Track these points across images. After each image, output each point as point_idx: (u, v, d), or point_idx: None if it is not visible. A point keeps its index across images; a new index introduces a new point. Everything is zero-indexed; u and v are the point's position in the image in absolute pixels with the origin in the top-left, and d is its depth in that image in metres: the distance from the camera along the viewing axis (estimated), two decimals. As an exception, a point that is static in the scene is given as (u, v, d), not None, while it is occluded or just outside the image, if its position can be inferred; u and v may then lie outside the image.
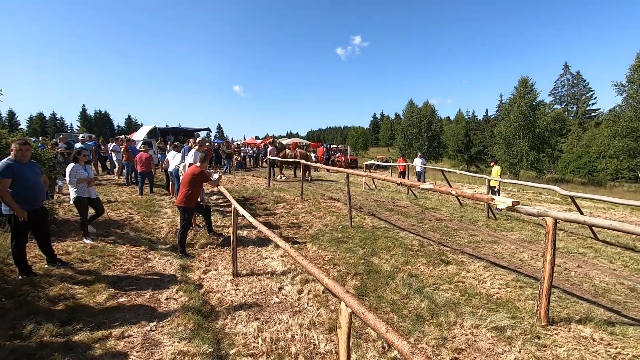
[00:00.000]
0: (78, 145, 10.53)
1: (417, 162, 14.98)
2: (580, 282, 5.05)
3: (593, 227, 7.60)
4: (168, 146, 16.63)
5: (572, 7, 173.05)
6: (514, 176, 31.84)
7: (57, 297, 3.79)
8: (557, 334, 3.39)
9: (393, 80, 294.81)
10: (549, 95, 64.75)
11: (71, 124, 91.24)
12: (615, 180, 34.22)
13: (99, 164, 15.34)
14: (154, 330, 3.31)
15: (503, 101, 65.27)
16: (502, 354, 3.02)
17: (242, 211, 4.20)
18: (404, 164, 15.78)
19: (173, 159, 9.30)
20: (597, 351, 3.11)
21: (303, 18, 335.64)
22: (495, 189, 10.55)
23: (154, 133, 21.50)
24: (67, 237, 5.85)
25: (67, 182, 5.56)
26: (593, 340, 3.31)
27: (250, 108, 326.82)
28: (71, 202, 5.70)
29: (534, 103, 31.86)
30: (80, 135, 12.33)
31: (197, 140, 6.94)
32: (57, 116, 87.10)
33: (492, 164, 11.17)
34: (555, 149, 34.40)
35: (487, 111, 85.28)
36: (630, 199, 16.09)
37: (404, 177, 15.73)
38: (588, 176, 37.09)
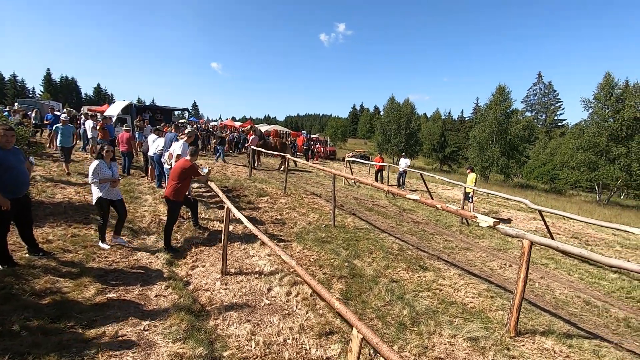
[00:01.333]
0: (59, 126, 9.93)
1: (403, 163, 15.32)
2: (543, 294, 5.52)
3: (555, 241, 8.23)
4: (145, 124, 16.03)
5: (554, 16, 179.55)
6: (484, 179, 33.28)
7: (44, 291, 3.72)
8: (523, 345, 3.74)
9: (374, 72, 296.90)
10: (522, 102, 67.66)
11: (33, 88, 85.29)
12: (574, 189, 36.58)
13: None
14: (147, 330, 3.35)
15: (479, 105, 67.44)
16: (477, 364, 3.32)
17: (238, 214, 4.25)
18: (382, 163, 16.08)
19: (153, 143, 9.07)
20: (557, 363, 3.47)
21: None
22: (469, 195, 11.07)
23: (129, 109, 20.61)
24: (45, 223, 5.65)
25: (90, 180, 5.03)
26: (554, 352, 3.68)
27: (228, 87, 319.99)
28: (93, 202, 5.19)
29: (508, 111, 33.21)
30: (82, 116, 11.71)
31: (185, 132, 6.80)
32: (17, 78, 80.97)
33: (468, 171, 11.67)
34: (523, 155, 36.14)
35: (462, 112, 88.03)
36: (586, 209, 17.25)
37: (381, 175, 16.06)
38: (550, 183, 39.43)
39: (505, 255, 7.39)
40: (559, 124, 63.92)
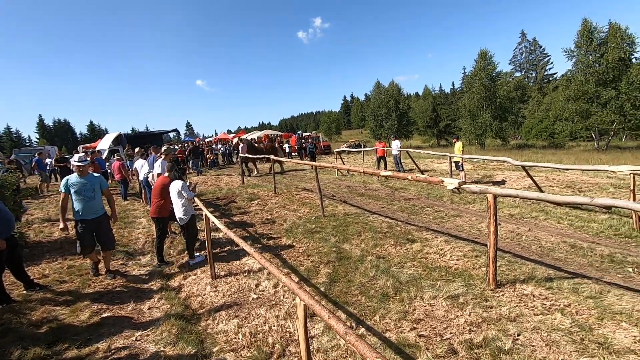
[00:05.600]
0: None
1: (394, 145, 15.02)
2: (529, 245, 5.61)
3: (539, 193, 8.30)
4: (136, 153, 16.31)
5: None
6: (480, 146, 33.19)
7: (40, 321, 3.92)
8: (503, 295, 3.85)
9: (360, 60, 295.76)
10: (509, 63, 67.14)
11: (29, 137, 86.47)
12: (573, 140, 36.34)
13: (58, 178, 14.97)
14: (139, 340, 3.53)
15: (467, 74, 67.06)
16: (455, 318, 3.45)
17: (212, 218, 4.41)
18: (384, 147, 15.48)
19: (142, 167, 9.30)
20: (534, 305, 3.58)
21: (256, 3, 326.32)
22: (459, 164, 11.15)
23: (119, 140, 20.96)
24: (42, 260, 5.88)
25: (191, 196, 5.52)
26: (533, 296, 3.79)
27: (218, 102, 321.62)
28: (184, 223, 5.51)
29: (493, 74, 33.04)
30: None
31: (162, 150, 6.98)
32: (12, 129, 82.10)
33: (454, 140, 11.74)
34: (518, 116, 35.96)
35: (453, 84, 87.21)
36: (583, 158, 17.19)
37: (384, 162, 15.66)
38: (549, 139, 39.14)
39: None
40: (550, 78, 63.24)
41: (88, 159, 5.06)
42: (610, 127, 24.62)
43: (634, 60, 23.78)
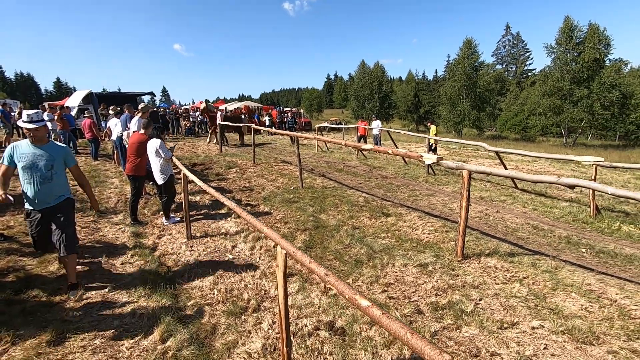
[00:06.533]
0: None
1: (375, 125, 15.15)
2: (496, 225, 5.92)
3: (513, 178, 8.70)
4: (111, 111, 15.51)
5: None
6: (457, 134, 33.97)
7: (6, 270, 3.80)
8: (468, 265, 4.09)
9: (345, 38, 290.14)
10: (492, 55, 68.05)
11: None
12: (544, 136, 37.84)
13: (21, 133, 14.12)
14: (111, 292, 3.51)
15: (451, 62, 67.56)
16: (423, 284, 3.64)
17: (190, 176, 4.35)
18: (365, 126, 15.54)
19: (115, 127, 8.90)
20: (496, 276, 3.84)
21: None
22: (433, 147, 11.43)
23: (90, 98, 19.83)
24: (6, 212, 5.62)
25: (169, 156, 5.38)
26: (496, 268, 4.05)
27: (197, 69, 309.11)
28: (162, 182, 5.47)
29: (476, 64, 33.49)
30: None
31: (140, 107, 6.70)
32: (-33, 80, 75.76)
33: (429, 124, 11.98)
34: (495, 108, 36.88)
35: (436, 71, 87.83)
36: (552, 152, 18.02)
37: (364, 141, 15.79)
38: (522, 132, 40.61)
39: (467, 197, 7.77)
40: (529, 73, 64.81)
41: (45, 118, 3.70)
42: (579, 125, 25.84)
43: (607, 62, 24.80)
